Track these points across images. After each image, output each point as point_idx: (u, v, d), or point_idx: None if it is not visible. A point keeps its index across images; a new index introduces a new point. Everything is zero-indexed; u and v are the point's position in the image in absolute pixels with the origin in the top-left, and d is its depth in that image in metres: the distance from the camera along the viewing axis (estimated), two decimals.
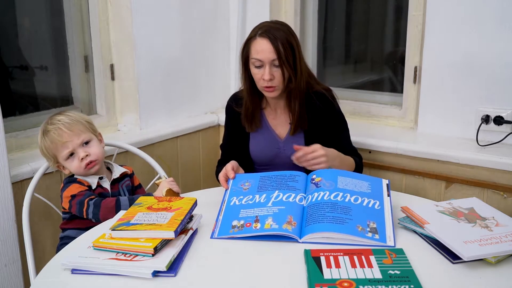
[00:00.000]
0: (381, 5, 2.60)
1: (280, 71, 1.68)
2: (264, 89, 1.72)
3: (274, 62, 1.67)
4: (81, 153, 1.58)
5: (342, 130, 1.85)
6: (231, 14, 2.64)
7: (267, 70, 1.67)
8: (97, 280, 1.15)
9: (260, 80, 1.70)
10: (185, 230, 1.30)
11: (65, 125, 1.58)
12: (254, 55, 1.69)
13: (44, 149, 1.62)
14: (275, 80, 1.69)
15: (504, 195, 1.88)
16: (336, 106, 1.83)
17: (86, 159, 1.58)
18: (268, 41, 1.66)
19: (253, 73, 1.73)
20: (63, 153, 1.58)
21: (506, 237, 1.25)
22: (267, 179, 1.56)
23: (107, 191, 1.66)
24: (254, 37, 1.70)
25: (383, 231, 1.33)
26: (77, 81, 2.27)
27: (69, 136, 1.57)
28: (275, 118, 1.84)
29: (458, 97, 2.05)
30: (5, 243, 1.74)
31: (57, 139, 1.57)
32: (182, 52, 2.44)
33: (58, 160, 1.62)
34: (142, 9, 2.21)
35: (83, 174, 1.62)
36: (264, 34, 1.67)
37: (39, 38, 2.21)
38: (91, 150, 1.60)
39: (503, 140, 1.96)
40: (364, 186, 1.49)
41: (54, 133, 1.57)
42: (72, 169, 1.61)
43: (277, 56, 1.65)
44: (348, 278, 1.10)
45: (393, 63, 2.53)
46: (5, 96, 2.08)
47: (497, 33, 1.92)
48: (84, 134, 1.61)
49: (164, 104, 2.39)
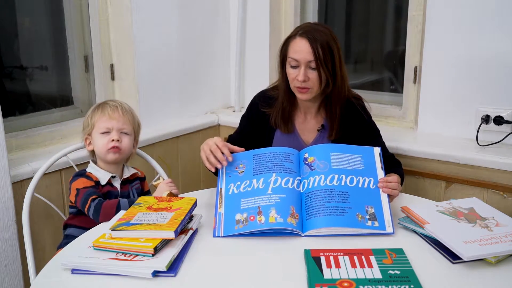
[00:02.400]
0: (381, 5, 2.60)
1: (317, 73, 1.64)
2: (296, 89, 1.68)
3: (311, 63, 1.63)
4: (115, 136, 1.64)
5: (376, 136, 1.80)
6: (231, 14, 2.64)
7: (302, 71, 1.63)
8: (97, 280, 1.15)
9: (294, 80, 1.66)
10: (185, 230, 1.30)
11: (122, 108, 1.69)
12: (291, 55, 1.65)
13: (91, 115, 1.69)
14: (309, 82, 1.64)
15: (504, 195, 1.88)
16: (369, 114, 1.80)
17: (115, 143, 1.64)
18: (307, 41, 1.62)
19: (288, 73, 1.69)
20: (102, 127, 1.65)
21: (506, 237, 1.25)
22: (261, 158, 1.53)
23: (116, 190, 1.67)
24: (294, 36, 1.66)
25: (381, 216, 1.37)
26: (77, 81, 2.27)
27: (118, 117, 1.67)
28: (303, 123, 1.79)
29: (458, 97, 2.05)
30: (5, 243, 1.74)
31: (108, 113, 1.66)
32: (182, 52, 2.44)
33: (92, 131, 1.67)
34: (142, 9, 2.21)
35: (103, 155, 1.65)
36: (304, 34, 1.63)
37: (39, 38, 2.21)
38: (124, 140, 1.67)
39: (503, 140, 1.96)
40: (357, 161, 1.49)
41: (110, 108, 1.68)
42: (98, 145, 1.65)
43: (314, 57, 1.61)
44: (348, 278, 1.10)
45: (393, 63, 2.53)
46: (5, 96, 2.08)
47: (497, 33, 1.92)
48: (128, 126, 1.69)
49: (164, 104, 2.39)
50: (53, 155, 1.76)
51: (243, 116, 1.87)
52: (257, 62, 2.63)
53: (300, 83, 1.65)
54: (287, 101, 1.75)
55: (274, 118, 1.77)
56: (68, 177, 1.93)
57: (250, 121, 1.82)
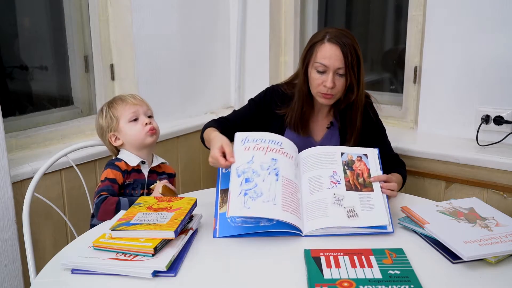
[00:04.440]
0: (381, 5, 2.60)
1: (344, 80, 1.63)
2: (322, 95, 1.66)
3: (339, 70, 1.61)
4: (146, 119, 1.68)
5: (382, 135, 1.81)
6: (231, 14, 2.64)
7: (330, 77, 1.61)
8: (97, 280, 1.15)
9: (320, 86, 1.64)
10: (185, 230, 1.30)
11: (138, 96, 1.75)
12: (319, 60, 1.63)
13: (109, 112, 1.69)
14: (335, 89, 1.64)
15: (504, 195, 1.88)
16: (376, 113, 1.80)
17: (150, 125, 1.67)
18: (338, 47, 1.60)
19: (312, 78, 1.66)
20: (129, 114, 1.67)
21: (506, 237, 1.25)
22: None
23: (143, 178, 1.69)
24: (322, 41, 1.63)
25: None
26: (77, 81, 2.27)
27: (140, 102, 1.71)
28: (314, 121, 1.79)
29: (458, 97, 2.05)
30: (5, 243, 1.74)
31: (130, 100, 1.69)
32: (182, 52, 2.44)
33: (119, 124, 1.67)
34: (142, 9, 2.21)
35: (141, 140, 1.67)
36: (334, 40, 1.61)
37: (39, 38, 2.21)
38: (153, 122, 1.71)
39: (503, 140, 1.96)
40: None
41: (129, 96, 1.72)
42: (131, 133, 1.67)
43: (345, 64, 1.60)
44: (348, 278, 1.10)
45: (393, 63, 2.53)
46: (5, 96, 2.08)
47: (497, 33, 1.92)
48: (150, 110, 1.74)
49: (164, 104, 2.39)
50: (53, 155, 1.76)
51: (253, 101, 1.83)
52: (257, 62, 2.63)
53: (327, 90, 1.63)
54: (307, 104, 1.73)
55: (292, 120, 1.74)
56: (68, 177, 1.94)
57: (259, 109, 1.80)
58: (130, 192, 1.65)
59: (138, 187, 1.66)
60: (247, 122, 1.80)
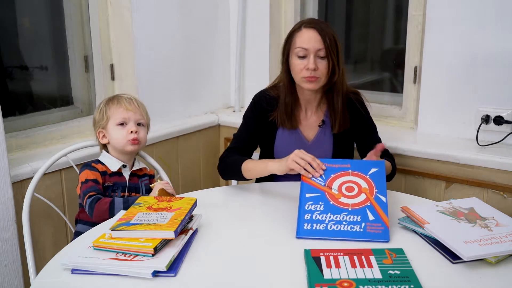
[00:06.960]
0: (381, 5, 2.60)
1: (326, 62, 1.65)
2: (305, 79, 1.66)
3: (319, 52, 1.64)
4: (133, 127, 1.69)
5: (372, 132, 1.83)
6: (231, 14, 2.64)
7: (311, 59, 1.63)
8: (97, 280, 1.15)
9: (302, 71, 1.65)
10: (185, 230, 1.30)
11: (136, 101, 1.74)
12: (299, 44, 1.65)
13: (104, 108, 1.71)
14: (318, 71, 1.65)
15: (504, 195, 1.88)
16: (367, 110, 1.82)
17: (134, 135, 1.68)
18: (315, 31, 1.64)
19: (294, 64, 1.68)
20: (119, 118, 1.68)
21: (506, 237, 1.25)
22: None
23: (124, 180, 1.70)
24: (299, 28, 1.67)
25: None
26: (77, 81, 2.27)
27: (135, 109, 1.71)
28: (304, 119, 1.80)
29: (458, 97, 2.05)
30: (5, 243, 1.74)
31: (125, 104, 1.70)
32: (182, 52, 2.44)
33: (108, 123, 1.69)
34: (142, 9, 2.21)
35: (122, 146, 1.68)
36: (309, 26, 1.66)
37: (39, 38, 2.21)
38: (140, 132, 1.72)
39: (503, 140, 1.96)
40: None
41: (126, 100, 1.72)
42: (115, 136, 1.68)
43: (324, 45, 1.63)
44: (348, 278, 1.10)
45: (393, 63, 2.53)
46: (5, 96, 2.08)
47: (497, 33, 1.92)
48: (143, 118, 1.74)
49: (164, 104, 2.39)
50: (53, 155, 1.76)
51: (247, 117, 1.84)
52: (257, 62, 2.63)
53: (309, 72, 1.64)
54: (290, 95, 1.74)
55: (278, 116, 1.76)
56: (68, 177, 1.94)
57: (256, 120, 1.81)
58: (110, 194, 1.66)
59: (118, 189, 1.67)
60: (254, 139, 1.82)
